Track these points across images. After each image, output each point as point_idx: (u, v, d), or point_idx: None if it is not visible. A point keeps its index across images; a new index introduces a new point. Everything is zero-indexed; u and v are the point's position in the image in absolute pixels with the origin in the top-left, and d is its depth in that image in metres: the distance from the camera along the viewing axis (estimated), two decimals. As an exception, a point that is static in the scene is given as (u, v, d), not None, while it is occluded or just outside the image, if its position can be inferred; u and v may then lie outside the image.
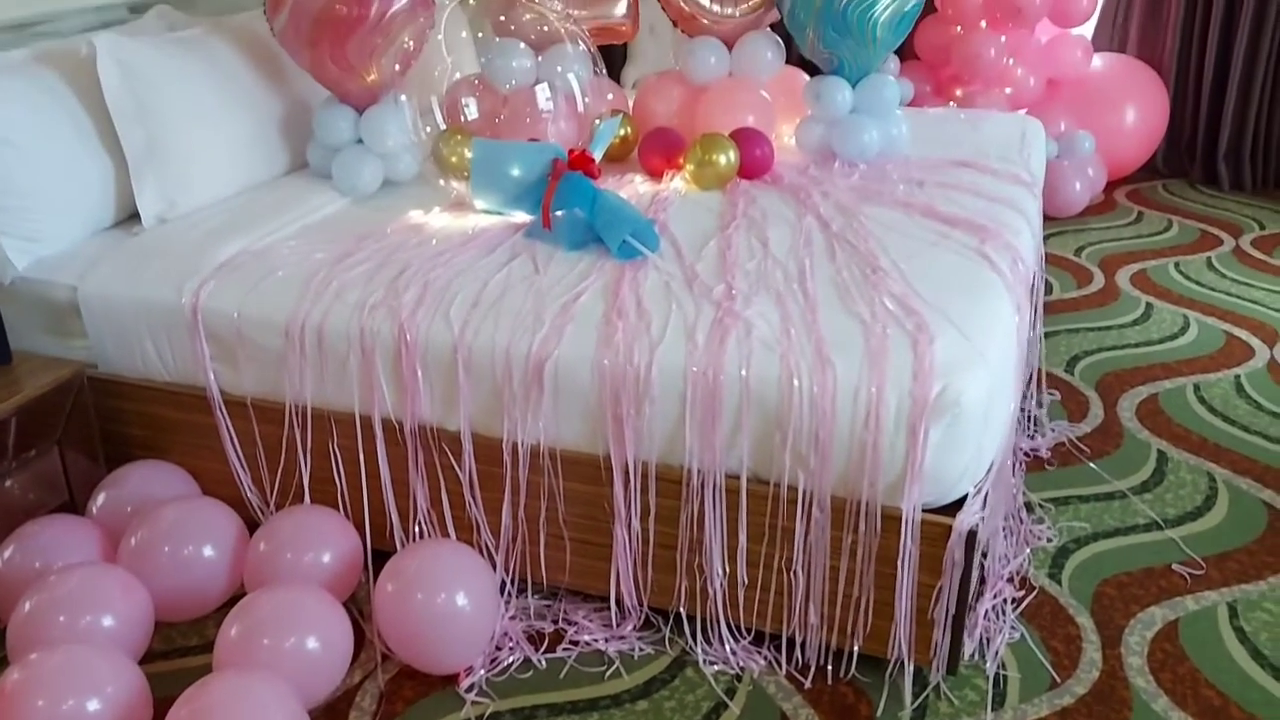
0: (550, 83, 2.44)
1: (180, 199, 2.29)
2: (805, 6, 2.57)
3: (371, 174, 2.44)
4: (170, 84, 2.27)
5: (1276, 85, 4.13)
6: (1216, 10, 4.09)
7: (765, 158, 2.56)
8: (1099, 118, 4.08)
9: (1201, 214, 3.99)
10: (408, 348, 1.83)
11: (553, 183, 2.17)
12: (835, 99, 2.62)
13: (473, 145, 2.23)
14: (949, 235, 2.15)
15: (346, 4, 2.27)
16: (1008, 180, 2.52)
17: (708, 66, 2.74)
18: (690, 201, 2.43)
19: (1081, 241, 3.77)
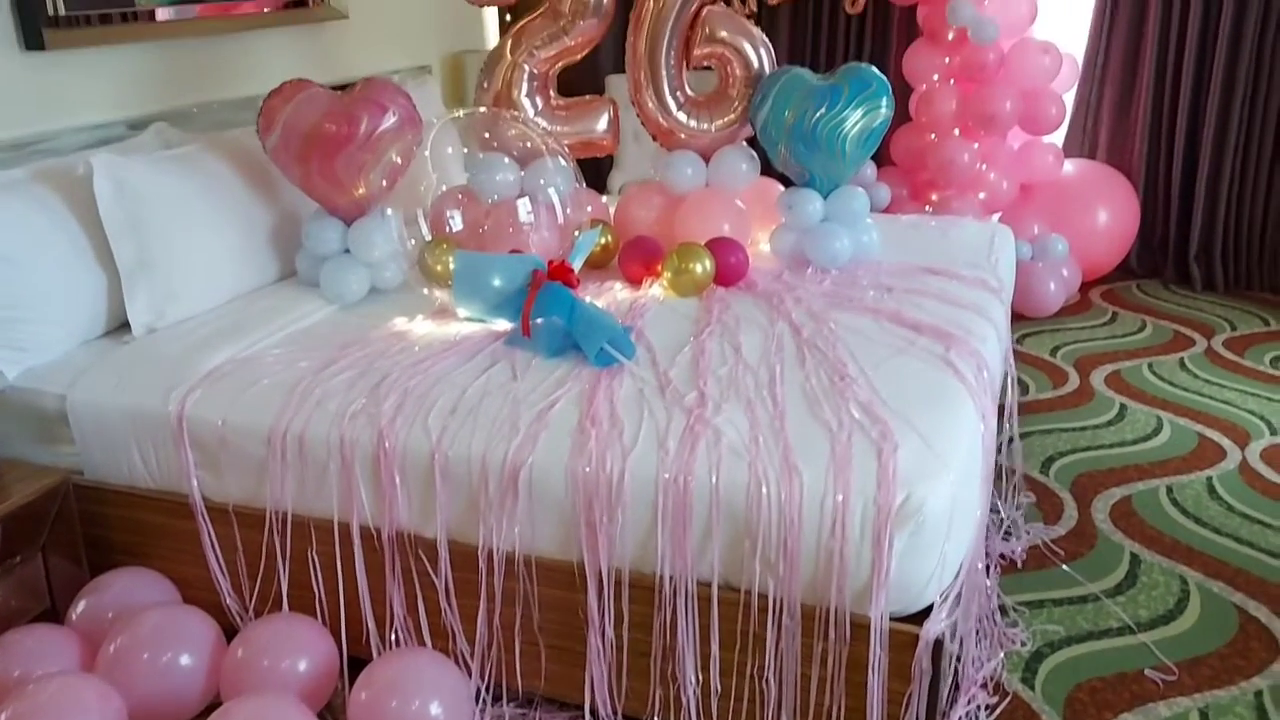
0: (532, 195, 2.54)
1: (170, 309, 2.36)
2: (777, 123, 2.68)
3: (358, 283, 2.51)
4: (163, 199, 2.35)
5: (1243, 189, 4.25)
6: (1181, 117, 4.24)
7: (740, 265, 2.64)
8: (1072, 221, 4.20)
9: (1175, 314, 4.08)
10: (386, 455, 1.87)
11: (532, 292, 2.24)
12: (807, 209, 2.71)
13: (455, 256, 2.30)
14: (915, 342, 2.21)
15: (335, 122, 2.37)
16: (975, 286, 2.60)
17: (685, 178, 2.84)
18: (668, 308, 2.49)
19: (1057, 341, 3.85)
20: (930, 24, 4.15)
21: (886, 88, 2.66)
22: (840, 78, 2.65)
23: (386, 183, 2.49)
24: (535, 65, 2.75)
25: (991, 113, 4.02)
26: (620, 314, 2.44)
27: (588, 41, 2.80)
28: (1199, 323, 3.98)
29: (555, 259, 2.34)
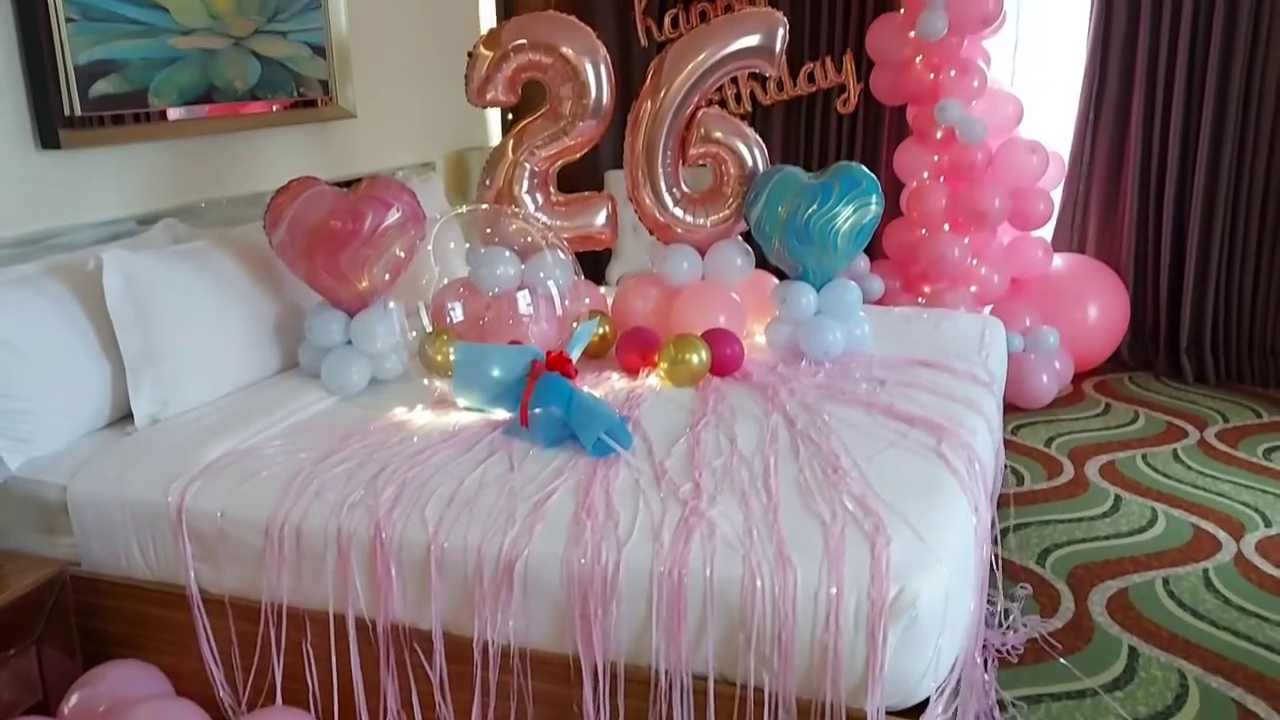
0: (532, 288, 2.60)
1: (173, 400, 2.39)
2: (771, 219, 2.75)
3: (359, 373, 2.55)
4: (171, 293, 2.40)
5: (1229, 285, 4.33)
6: (1167, 214, 4.34)
7: (735, 356, 2.68)
8: (1063, 313, 4.27)
9: (1167, 406, 4.12)
10: (383, 546, 1.88)
11: (531, 383, 2.28)
12: (800, 302, 2.76)
13: (456, 347, 2.35)
14: (908, 435, 2.24)
15: (341, 218, 2.44)
16: (966, 380, 2.64)
17: (681, 271, 2.91)
18: (664, 398, 2.53)
19: (1051, 432, 3.87)
20: (919, 124, 4.28)
21: (876, 185, 2.74)
22: (831, 176, 2.73)
23: (389, 276, 2.54)
24: (536, 163, 2.83)
25: (981, 209, 4.11)
26: (617, 404, 2.47)
27: (587, 141, 2.89)
28: (1191, 414, 4.02)
29: (554, 350, 2.38)
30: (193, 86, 2.88)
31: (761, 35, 2.83)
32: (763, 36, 2.82)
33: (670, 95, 2.81)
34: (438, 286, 2.65)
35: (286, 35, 3.21)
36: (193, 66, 2.87)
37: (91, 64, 2.59)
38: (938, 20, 3.99)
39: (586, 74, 2.77)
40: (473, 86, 2.81)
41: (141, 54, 2.72)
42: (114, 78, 2.65)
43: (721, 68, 2.84)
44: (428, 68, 4.05)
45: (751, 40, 2.82)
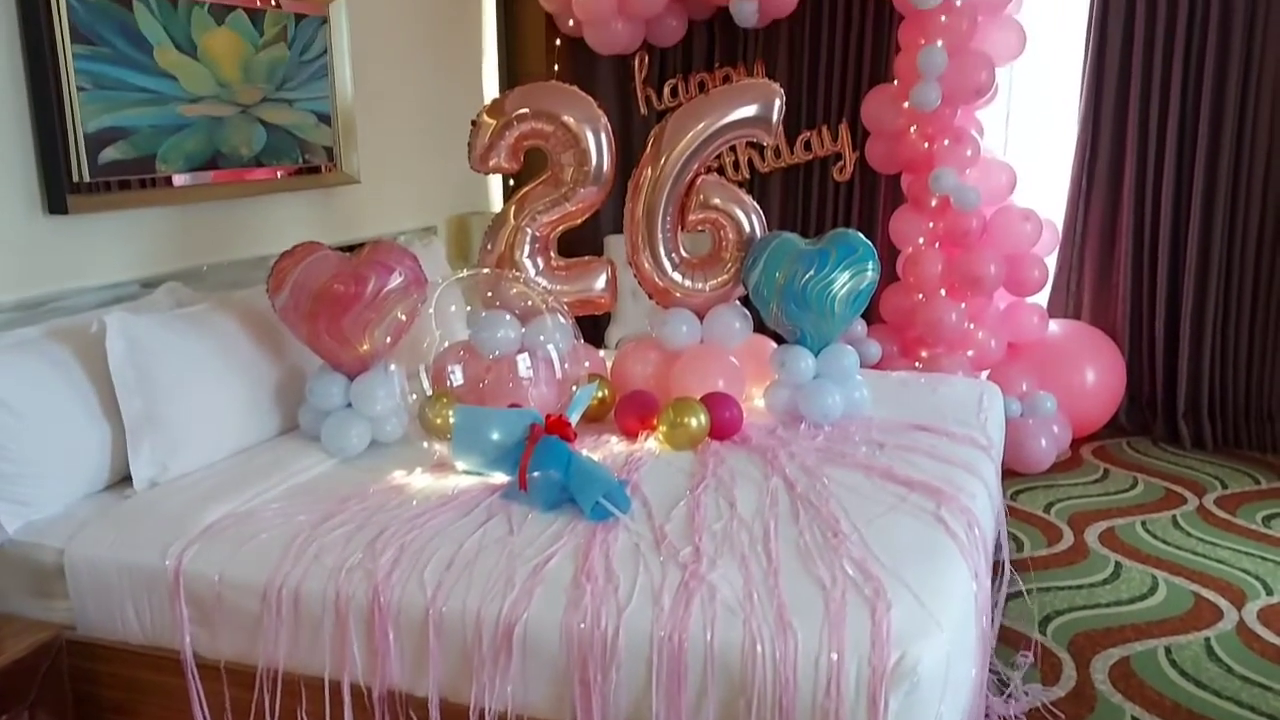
0: (532, 351, 2.61)
1: (173, 463, 2.39)
2: (768, 283, 2.78)
3: (359, 436, 2.55)
4: (172, 356, 2.42)
5: (1224, 351, 4.36)
6: (1161, 282, 4.38)
7: (734, 420, 2.69)
8: (1060, 379, 4.28)
9: (1165, 472, 4.12)
10: (381, 611, 1.87)
11: (530, 446, 2.28)
12: (799, 366, 2.78)
13: (455, 411, 2.36)
14: (907, 499, 2.24)
15: (344, 282, 2.47)
16: (964, 443, 2.64)
17: (680, 335, 2.93)
18: (663, 462, 2.53)
19: (1051, 498, 3.87)
20: (914, 191, 4.34)
21: (872, 252, 2.78)
22: (828, 242, 2.77)
23: (390, 339, 2.56)
24: (537, 229, 2.87)
25: (976, 275, 4.15)
26: (616, 467, 2.47)
27: (588, 207, 2.93)
28: (1190, 480, 4.01)
29: (553, 413, 2.39)
30: (199, 153, 2.93)
31: (759, 105, 2.88)
32: (760, 107, 2.88)
33: (670, 162, 2.86)
34: (438, 350, 2.67)
35: (293, 103, 3.27)
36: (200, 133, 2.93)
37: (101, 131, 2.64)
38: (931, 92, 4.06)
39: (587, 142, 2.82)
40: (476, 153, 2.86)
41: (150, 121, 2.77)
42: (122, 144, 2.70)
43: (720, 136, 2.89)
44: (431, 134, 4.12)
45: (749, 110, 2.88)
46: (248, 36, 3.06)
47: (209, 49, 2.93)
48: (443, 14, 4.26)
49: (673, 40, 4.70)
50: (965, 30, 4.03)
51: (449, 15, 4.31)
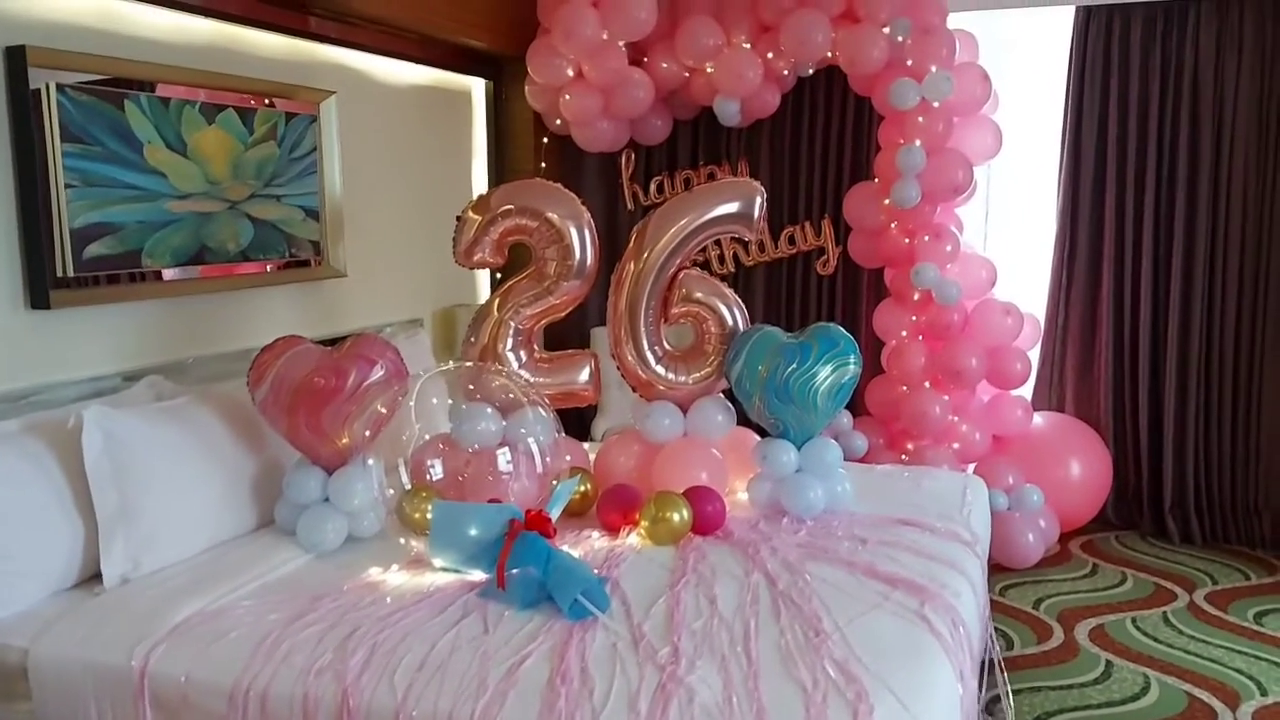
0: (513, 445, 2.60)
1: (146, 559, 2.35)
2: (751, 377, 2.79)
3: (335, 531, 2.52)
4: (149, 450, 2.40)
5: (1208, 447, 4.36)
6: (1142, 376, 4.41)
7: (717, 514, 2.67)
8: (1046, 472, 4.27)
9: (1154, 567, 4.08)
10: (350, 714, 1.82)
11: (508, 543, 2.26)
12: (781, 460, 2.77)
13: (433, 506, 2.33)
14: (890, 596, 2.21)
15: (324, 376, 2.47)
16: (949, 539, 2.62)
17: (663, 428, 2.93)
18: (644, 557, 2.50)
19: (1039, 594, 3.82)
20: (896, 286, 4.39)
21: (854, 345, 2.80)
22: (810, 336, 2.79)
23: (370, 433, 2.55)
24: (520, 321, 2.89)
25: (958, 368, 4.17)
26: (597, 563, 2.44)
27: (572, 300, 2.95)
28: (1179, 576, 3.98)
29: (533, 509, 2.37)
30: (185, 248, 2.96)
31: (740, 202, 2.93)
32: (742, 204, 2.93)
33: (653, 257, 2.89)
34: (418, 443, 2.65)
35: (281, 199, 3.31)
36: (187, 229, 2.95)
37: (87, 227, 2.66)
38: (911, 190, 4.14)
39: (571, 237, 2.86)
40: (460, 248, 2.89)
41: (137, 217, 2.80)
42: (108, 240, 2.72)
43: (702, 232, 2.94)
44: (419, 228, 4.17)
45: (731, 207, 2.93)
46: (238, 135, 3.11)
47: (199, 147, 2.97)
48: (435, 112, 4.35)
49: (658, 139, 4.80)
50: (942, 131, 4.13)
51: (441, 113, 4.40)
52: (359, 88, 3.79)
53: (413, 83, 4.17)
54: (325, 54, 3.61)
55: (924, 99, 4.12)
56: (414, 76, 4.18)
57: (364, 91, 3.83)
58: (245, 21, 3.18)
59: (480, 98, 4.69)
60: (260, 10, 3.22)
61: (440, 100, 4.39)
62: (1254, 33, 4.12)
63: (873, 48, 4.16)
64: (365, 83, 3.85)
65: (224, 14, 3.08)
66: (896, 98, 4.12)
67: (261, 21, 3.25)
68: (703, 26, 4.34)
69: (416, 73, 4.19)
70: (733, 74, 4.30)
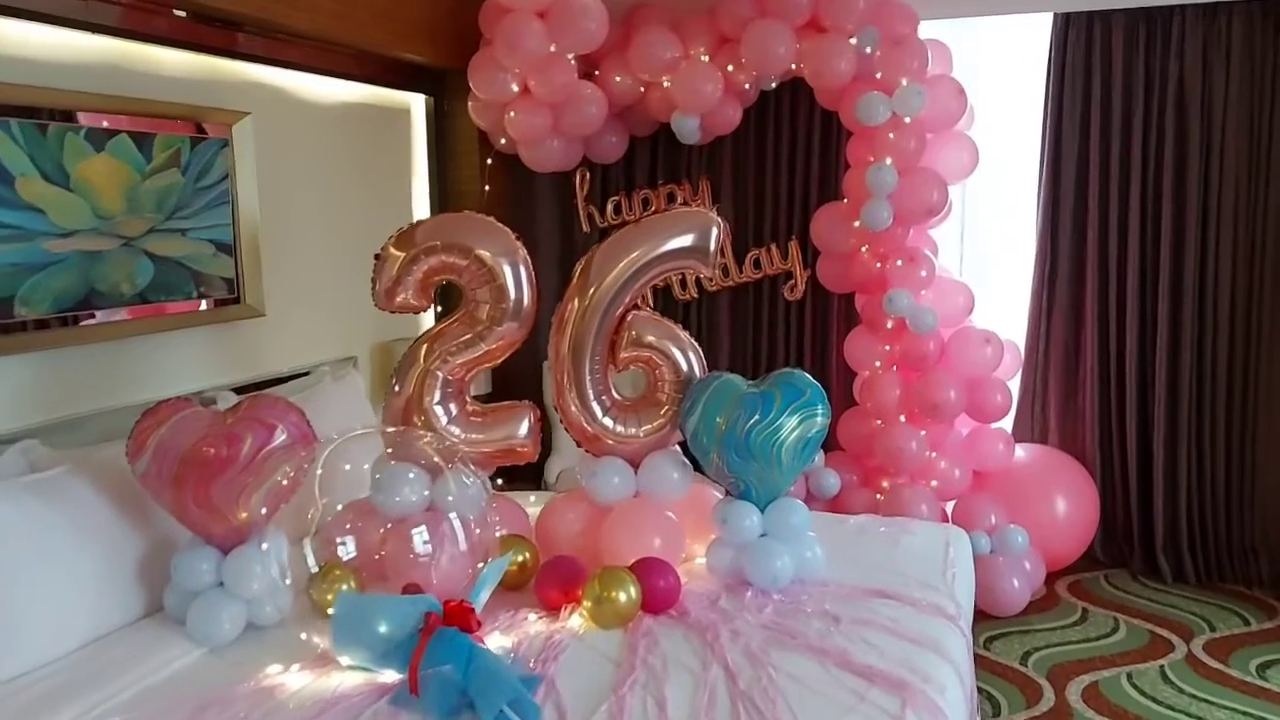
0: (440, 514, 2.29)
1: (8, 663, 2.03)
2: (708, 431, 2.50)
3: (231, 621, 2.20)
4: (13, 536, 2.09)
5: (1201, 480, 4.11)
6: (1130, 404, 4.15)
7: (670, 590, 2.37)
8: (1029, 509, 4.00)
9: (1148, 611, 3.81)
10: None
11: (423, 640, 1.94)
12: (743, 524, 2.48)
13: (336, 598, 2.02)
14: (866, 696, 1.92)
15: (215, 444, 2.15)
16: (930, 614, 2.33)
17: (611, 487, 2.63)
18: (586, 644, 2.20)
19: (1027, 646, 3.54)
20: (868, 313, 4.11)
21: (821, 395, 2.51)
22: (772, 384, 2.50)
23: (267, 510, 2.23)
24: (449, 371, 2.57)
25: (935, 402, 3.90)
26: (531, 655, 2.14)
27: (508, 345, 2.65)
28: (1175, 622, 3.71)
29: (453, 599, 2.05)
30: (69, 292, 2.61)
31: (695, 235, 2.65)
32: (697, 237, 2.65)
33: (600, 294, 2.61)
34: (329, 517, 2.33)
35: (187, 233, 2.98)
36: (71, 271, 2.61)
37: (-53, 272, 2.32)
38: (881, 211, 3.87)
39: (504, 276, 2.55)
40: (380, 289, 2.58)
41: (9, 259, 2.46)
42: (-27, 286, 2.39)
43: (654, 268, 2.65)
44: (349, 257, 3.81)
45: (685, 240, 2.65)
46: (133, 163, 2.78)
47: (85, 178, 2.64)
48: (369, 131, 4.02)
49: (614, 157, 4.50)
50: (914, 148, 3.86)
51: (376, 133, 4.08)
52: (280, 107, 3.47)
53: (343, 100, 3.85)
54: (240, 71, 3.28)
55: (895, 114, 3.85)
56: (345, 94, 3.86)
57: (286, 111, 3.51)
58: (142, 38, 2.86)
59: (420, 115, 4.37)
60: (161, 25, 2.89)
61: (376, 118, 4.07)
62: (1242, 40, 3.87)
63: (839, 60, 3.88)
64: (288, 102, 3.52)
65: (115, 29, 2.76)
66: (865, 113, 3.85)
67: (163, 37, 2.92)
68: (659, 38, 4.05)
69: (348, 90, 3.87)
70: (690, 88, 4.01)
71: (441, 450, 2.31)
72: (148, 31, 2.88)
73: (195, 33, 3.03)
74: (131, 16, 2.81)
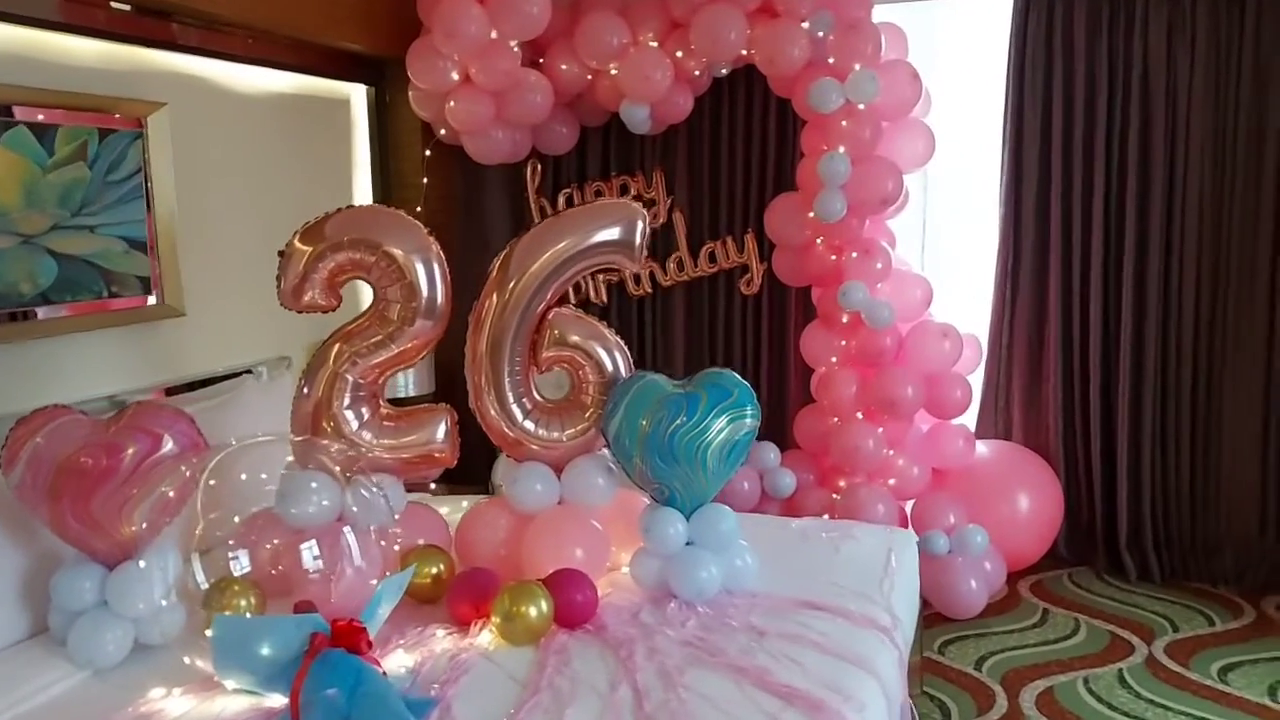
0: (348, 524, 2.16)
1: None
2: (631, 433, 2.37)
3: (115, 643, 2.07)
4: None
5: (1165, 477, 4.00)
6: (1094, 399, 4.03)
7: (587, 604, 2.25)
8: (990, 508, 3.89)
9: (1110, 612, 3.70)
10: None
11: (305, 663, 1.82)
12: (667, 533, 2.36)
13: (214, 621, 1.89)
14: (780, 718, 1.80)
15: (93, 454, 2.02)
16: (864, 626, 2.22)
17: (534, 494, 2.50)
18: (494, 663, 2.08)
19: (982, 650, 3.43)
20: (824, 307, 3.99)
21: (750, 395, 2.39)
22: (698, 385, 2.38)
23: (148, 525, 2.09)
24: (360, 374, 2.44)
25: (892, 398, 3.78)
26: (435, 674, 2.02)
27: (424, 345, 2.52)
28: (1137, 623, 3.60)
29: (344, 618, 1.92)
30: (-41, 292, 2.49)
31: (621, 228, 2.52)
32: (623, 230, 2.52)
33: (520, 289, 2.47)
34: (219, 530, 2.20)
35: (95, 229, 2.84)
36: (-41, 270, 2.49)
37: None
38: (835, 201, 3.74)
39: (416, 274, 2.42)
40: (286, 287, 2.45)
41: (-110, 257, 2.34)
42: None
43: (578, 262, 2.53)
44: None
45: (610, 233, 2.52)
46: (32, 156, 2.64)
47: (-24, 171, 2.51)
48: (304, 123, 3.87)
49: (564, 148, 4.37)
50: (869, 136, 3.73)
51: (311, 124, 3.92)
52: (204, 97, 3.32)
53: (275, 90, 3.70)
54: (159, 60, 3.13)
55: (848, 101, 3.72)
56: (277, 84, 3.71)
57: (211, 102, 3.36)
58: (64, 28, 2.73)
59: (362, 106, 4.22)
60: (94, 17, 2.76)
61: (312, 109, 3.93)
62: (1208, 22, 3.75)
63: (792, 45, 3.75)
64: (212, 92, 3.38)
65: (50, 22, 2.65)
66: (817, 99, 3.72)
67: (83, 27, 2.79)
68: (605, 23, 3.91)
69: (281, 79, 3.72)
70: (638, 75, 3.88)
71: (342, 460, 2.18)
72: (74, 23, 2.75)
73: (117, 22, 2.89)
74: (67, 9, 2.68)
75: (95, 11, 2.82)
